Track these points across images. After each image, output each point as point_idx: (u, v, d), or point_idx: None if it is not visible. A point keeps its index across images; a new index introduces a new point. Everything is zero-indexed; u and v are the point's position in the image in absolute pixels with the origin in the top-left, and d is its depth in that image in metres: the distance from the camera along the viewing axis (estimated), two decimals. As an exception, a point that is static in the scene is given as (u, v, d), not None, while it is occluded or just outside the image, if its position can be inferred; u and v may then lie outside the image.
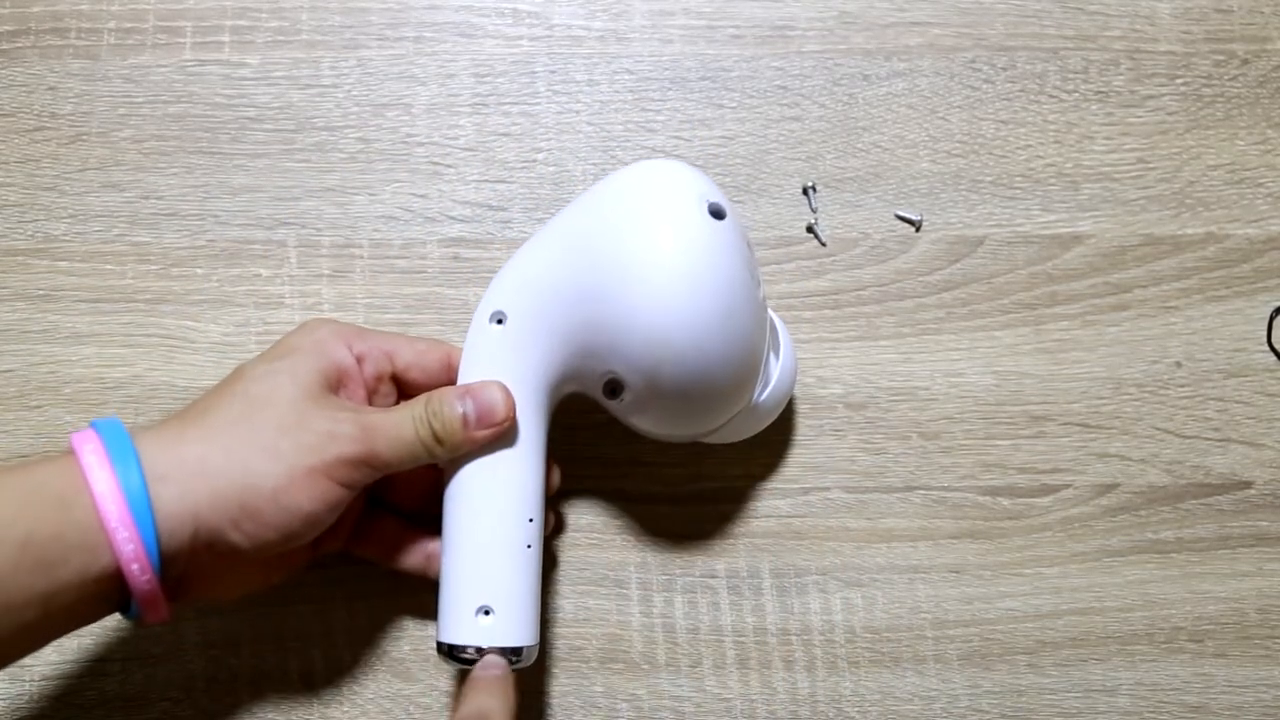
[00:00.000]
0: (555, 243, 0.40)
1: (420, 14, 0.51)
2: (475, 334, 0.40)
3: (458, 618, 0.38)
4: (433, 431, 0.38)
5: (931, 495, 0.48)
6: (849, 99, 0.51)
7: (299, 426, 0.36)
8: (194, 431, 0.36)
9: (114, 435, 0.35)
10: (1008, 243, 0.50)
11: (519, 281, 0.40)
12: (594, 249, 0.39)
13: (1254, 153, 0.51)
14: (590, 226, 0.40)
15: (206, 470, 0.35)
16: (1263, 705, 0.47)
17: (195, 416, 0.36)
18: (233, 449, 0.35)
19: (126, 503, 0.33)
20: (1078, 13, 0.52)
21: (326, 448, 0.36)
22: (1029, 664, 0.47)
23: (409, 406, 0.39)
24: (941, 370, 0.49)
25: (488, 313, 0.40)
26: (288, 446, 0.35)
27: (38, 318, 0.49)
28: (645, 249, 0.38)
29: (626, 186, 0.40)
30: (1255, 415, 0.49)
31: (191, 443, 0.35)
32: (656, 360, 0.38)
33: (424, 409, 0.38)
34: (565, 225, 0.41)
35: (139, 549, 0.33)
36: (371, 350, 0.41)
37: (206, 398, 0.37)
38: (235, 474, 0.35)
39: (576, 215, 0.41)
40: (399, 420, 0.38)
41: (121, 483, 0.33)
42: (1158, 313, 0.49)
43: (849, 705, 0.46)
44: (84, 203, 0.49)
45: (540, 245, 0.41)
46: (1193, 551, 0.48)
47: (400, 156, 0.50)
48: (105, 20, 0.51)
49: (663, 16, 0.51)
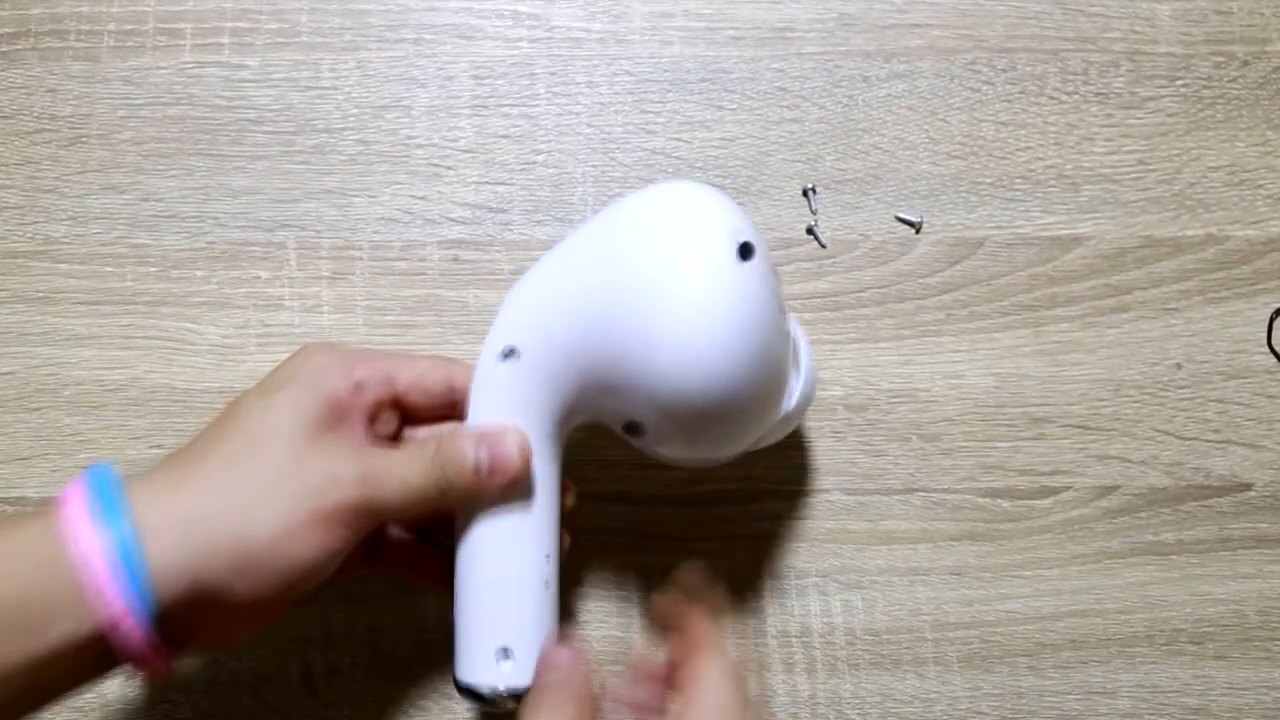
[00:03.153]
0: (570, 271, 0.38)
1: (420, 16, 0.51)
2: (485, 369, 0.38)
3: (477, 659, 0.37)
4: (444, 478, 0.36)
5: (932, 497, 0.48)
6: (849, 101, 0.51)
7: (298, 469, 0.34)
8: (188, 477, 0.34)
9: (103, 487, 0.33)
10: (1008, 244, 0.50)
11: (531, 313, 0.38)
12: (613, 281, 0.36)
13: (1254, 154, 0.51)
14: (610, 255, 0.37)
15: (203, 521, 0.33)
16: (1263, 707, 0.47)
17: (191, 461, 0.35)
18: (229, 495, 0.34)
19: (115, 559, 0.31)
20: (1078, 14, 0.52)
21: (327, 493, 0.34)
22: (1029, 666, 0.47)
23: (418, 449, 0.37)
24: (941, 372, 0.49)
25: (498, 346, 0.38)
26: (286, 491, 0.34)
27: (37, 320, 0.49)
28: (671, 294, 0.35)
29: (650, 215, 0.37)
30: (1255, 417, 0.49)
31: (186, 490, 0.34)
32: (678, 406, 0.36)
33: (434, 454, 0.36)
34: (581, 250, 0.38)
35: (128, 608, 0.31)
36: (370, 377, 0.38)
37: (201, 438, 0.36)
38: (234, 522, 0.33)
39: (594, 240, 0.38)
40: (406, 464, 0.36)
41: (109, 540, 0.32)
42: (1158, 314, 0.49)
43: (849, 707, 0.46)
44: (83, 205, 0.49)
45: (553, 272, 0.38)
46: (1193, 553, 0.48)
47: (400, 158, 0.50)
48: (105, 22, 0.51)
49: (662, 18, 0.51)
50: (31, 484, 0.47)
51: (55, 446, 0.48)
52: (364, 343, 0.48)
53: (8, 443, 0.48)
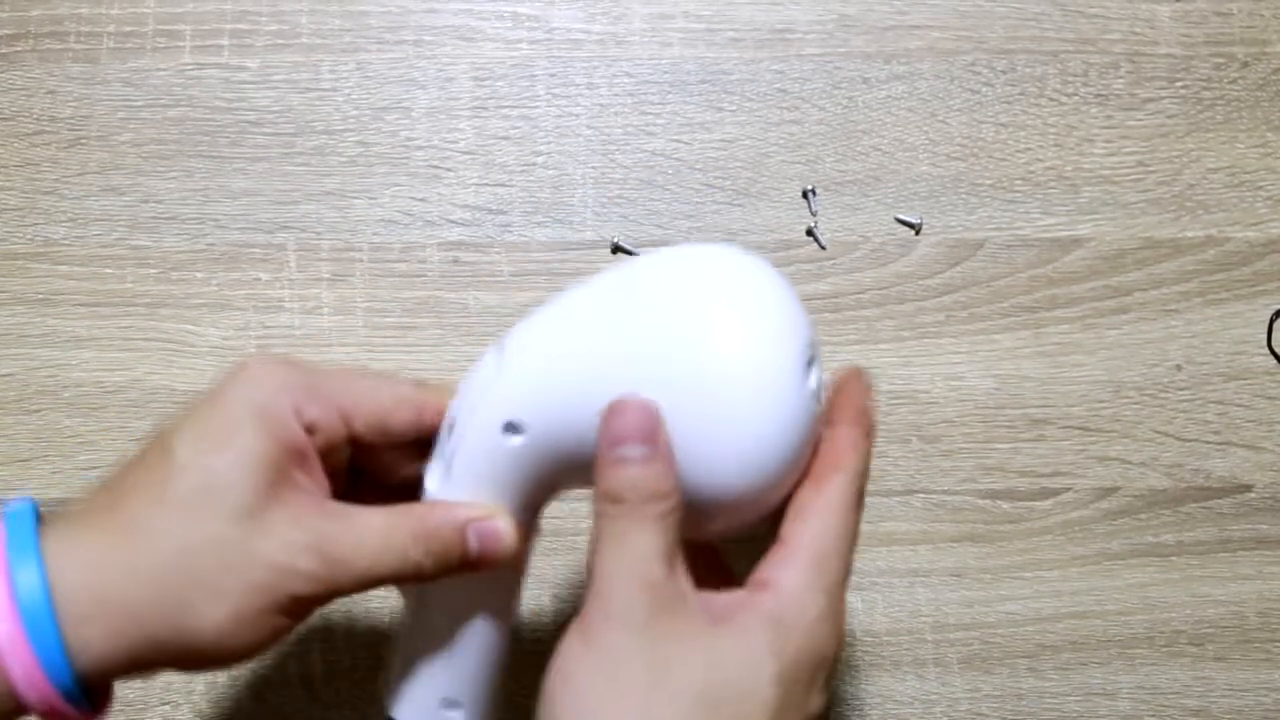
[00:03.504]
0: (596, 342, 0.32)
1: (419, 17, 0.51)
2: (483, 440, 0.32)
3: (420, 703, 0.35)
4: (422, 561, 0.31)
5: (931, 499, 0.48)
6: (849, 102, 0.51)
7: (248, 554, 0.29)
8: (118, 545, 0.29)
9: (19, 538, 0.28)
10: (1007, 246, 0.50)
11: (543, 388, 0.32)
12: (654, 372, 0.30)
13: (1254, 156, 0.51)
14: (652, 334, 0.31)
15: (138, 613, 0.29)
16: (1263, 709, 0.47)
17: (121, 523, 0.29)
18: (168, 581, 0.29)
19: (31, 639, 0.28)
20: (1077, 16, 0.52)
21: (280, 586, 0.30)
22: (1029, 667, 0.47)
23: (392, 524, 0.31)
24: (941, 373, 0.49)
25: (501, 419, 0.32)
26: (234, 586, 0.29)
27: (37, 322, 0.49)
28: (732, 405, 0.30)
29: (709, 301, 0.31)
30: (1255, 418, 0.49)
31: (116, 565, 0.29)
32: (704, 502, 0.31)
33: (415, 535, 0.31)
34: (611, 318, 0.32)
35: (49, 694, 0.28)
36: (325, 417, 0.32)
37: (131, 490, 0.30)
38: (172, 617, 0.29)
39: (630, 310, 0.32)
40: (377, 541, 0.31)
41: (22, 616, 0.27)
42: (1158, 316, 0.49)
43: (849, 709, 0.46)
44: (83, 206, 0.49)
45: (572, 339, 0.32)
46: (1193, 555, 0.48)
47: (400, 160, 0.50)
48: (105, 24, 0.51)
49: (662, 20, 0.51)
50: (31, 486, 0.47)
51: (55, 448, 0.48)
52: (364, 344, 0.48)
53: (8, 444, 0.48)
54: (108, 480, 0.31)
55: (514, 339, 0.33)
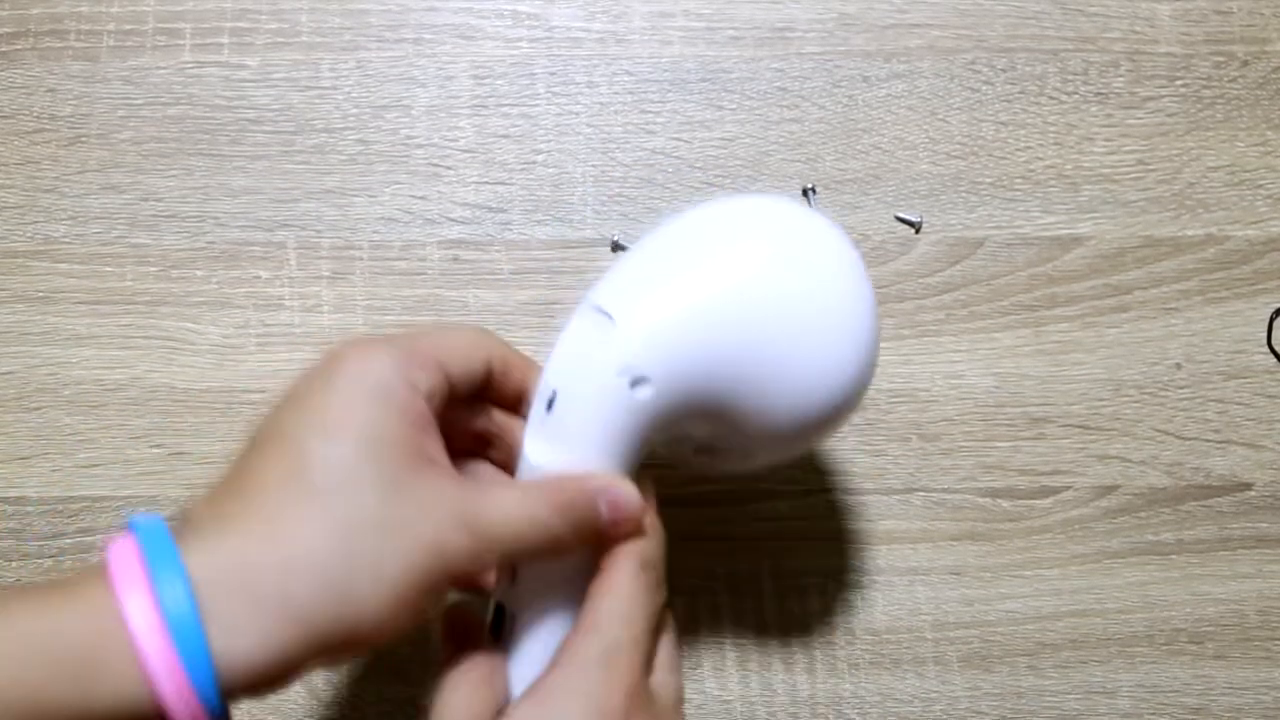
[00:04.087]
0: (707, 289, 0.34)
1: (419, 16, 0.51)
2: (607, 399, 0.33)
3: None
4: (564, 530, 0.32)
5: (931, 497, 0.48)
6: (849, 101, 0.51)
7: (401, 537, 0.29)
8: (266, 544, 0.28)
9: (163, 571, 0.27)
10: (1007, 244, 0.50)
11: (666, 337, 0.33)
12: (759, 326, 0.34)
13: (1254, 154, 0.51)
14: (760, 294, 0.34)
15: (299, 609, 0.28)
16: (1263, 707, 0.47)
17: (262, 520, 0.28)
18: (327, 571, 0.28)
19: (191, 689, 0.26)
20: (1077, 14, 0.52)
21: (435, 563, 0.29)
22: (1029, 666, 0.47)
23: (530, 495, 0.32)
24: (941, 372, 0.49)
25: (630, 374, 0.33)
26: (392, 567, 0.29)
27: (37, 319, 0.49)
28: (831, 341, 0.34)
29: (785, 238, 0.35)
30: (1255, 417, 0.49)
31: (268, 565, 0.28)
32: (800, 425, 0.35)
33: (556, 503, 0.32)
34: (715, 265, 0.34)
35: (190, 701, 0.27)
36: (434, 379, 0.32)
37: (262, 489, 0.29)
38: (333, 606, 0.28)
39: (731, 255, 0.35)
40: (520, 511, 0.31)
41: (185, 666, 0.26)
42: (1158, 314, 0.49)
43: (849, 707, 0.46)
44: (83, 205, 0.49)
45: (684, 288, 0.34)
46: (1193, 553, 0.48)
47: (400, 158, 0.50)
48: (104, 22, 0.51)
49: (662, 18, 0.51)
50: (31, 484, 0.47)
51: (55, 446, 0.48)
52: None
53: (8, 442, 0.48)
54: (224, 482, 0.30)
55: (614, 299, 0.34)
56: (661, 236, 0.36)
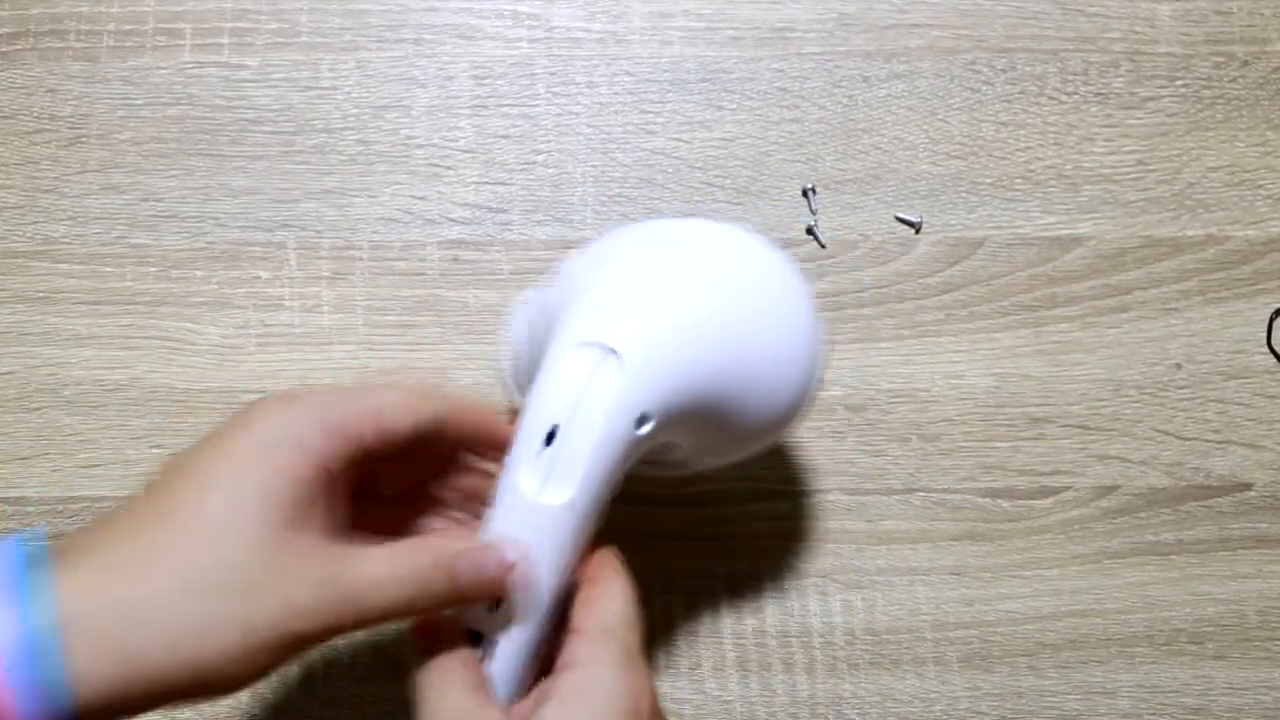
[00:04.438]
0: (694, 326, 0.36)
1: (419, 16, 0.51)
2: (612, 436, 0.34)
3: None
4: (434, 597, 0.32)
5: (931, 497, 0.48)
6: (849, 101, 0.51)
7: (252, 586, 0.29)
8: (134, 575, 0.29)
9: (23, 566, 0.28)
10: (1007, 245, 0.50)
11: (664, 377, 0.35)
12: (733, 352, 0.37)
13: (1254, 154, 0.51)
14: (734, 321, 0.37)
15: (151, 646, 0.28)
16: (1263, 707, 0.47)
17: (135, 551, 0.29)
18: (183, 615, 0.28)
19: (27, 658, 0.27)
20: (1077, 15, 0.52)
21: (285, 624, 0.29)
22: (1029, 666, 0.47)
23: (414, 561, 0.32)
24: (941, 372, 0.49)
25: (634, 414, 0.35)
26: (239, 626, 0.29)
27: (37, 320, 0.49)
28: (786, 346, 0.38)
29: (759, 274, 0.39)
30: (1255, 417, 0.49)
31: (131, 600, 0.28)
32: (766, 431, 0.40)
33: (434, 563, 0.32)
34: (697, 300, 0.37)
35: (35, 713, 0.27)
36: (333, 447, 0.32)
37: (143, 520, 0.30)
38: (183, 651, 0.28)
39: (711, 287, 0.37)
40: (395, 579, 0.31)
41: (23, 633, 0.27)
42: (1158, 315, 0.49)
43: (849, 707, 0.46)
44: (83, 205, 0.49)
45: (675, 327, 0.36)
46: (1193, 553, 0.48)
47: (400, 158, 0.50)
48: (104, 22, 0.51)
49: (662, 18, 0.51)
50: (31, 484, 0.47)
51: (55, 446, 0.48)
52: (364, 342, 0.48)
53: (8, 443, 0.48)
54: (112, 512, 0.31)
55: (619, 339, 0.35)
56: (633, 257, 0.39)
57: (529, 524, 0.34)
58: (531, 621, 0.34)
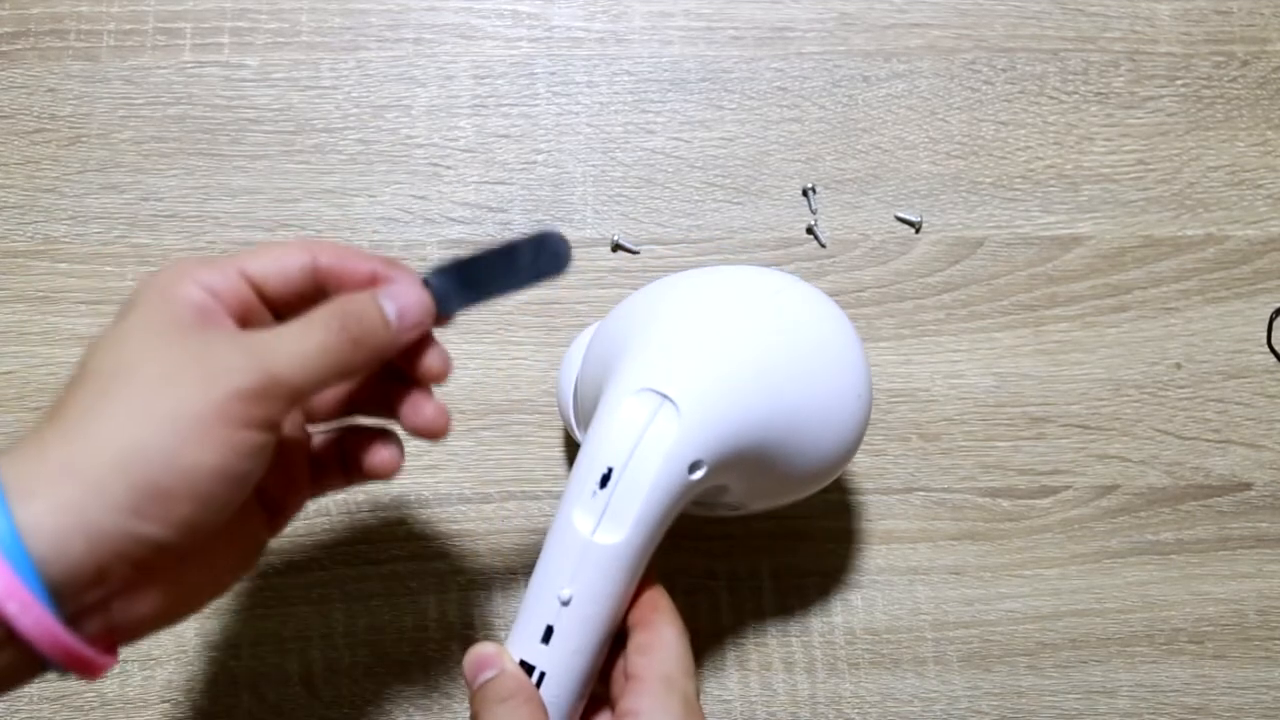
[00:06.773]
0: (753, 386, 0.37)
1: (420, 16, 0.51)
2: (666, 483, 0.35)
3: None
4: (348, 339, 0.32)
5: (931, 497, 0.48)
6: (849, 100, 0.51)
7: (172, 374, 0.29)
8: (53, 431, 0.29)
9: None
10: (1007, 244, 0.50)
11: (719, 428, 0.36)
12: (785, 401, 0.37)
13: (1254, 154, 0.51)
14: (787, 370, 0.37)
15: (79, 465, 0.28)
16: (1263, 706, 0.47)
17: (52, 417, 0.29)
18: (103, 430, 0.28)
19: None
20: (1077, 14, 0.52)
21: (211, 388, 0.29)
22: (1029, 665, 0.47)
23: (306, 317, 0.32)
24: (941, 372, 0.49)
25: (687, 461, 0.35)
26: (165, 401, 0.29)
27: (37, 319, 0.49)
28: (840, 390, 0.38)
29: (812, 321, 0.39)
30: (1255, 417, 0.49)
31: (54, 445, 0.28)
32: (817, 477, 0.40)
33: (331, 315, 0.32)
34: (753, 354, 0.37)
35: (12, 590, 0.26)
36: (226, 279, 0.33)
37: (61, 394, 0.30)
38: (115, 453, 0.28)
39: (772, 351, 0.38)
40: (299, 334, 0.32)
41: None
42: (1157, 314, 0.49)
43: (849, 707, 0.46)
44: (83, 204, 0.49)
45: (731, 381, 0.37)
46: (1193, 553, 0.48)
47: (400, 158, 0.50)
48: (105, 22, 0.51)
49: (662, 18, 0.51)
50: (31, 483, 0.47)
51: (55, 446, 0.48)
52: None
53: (8, 442, 0.48)
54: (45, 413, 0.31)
55: (676, 388, 0.36)
56: (693, 308, 0.39)
57: (583, 561, 0.35)
58: (583, 656, 0.35)
